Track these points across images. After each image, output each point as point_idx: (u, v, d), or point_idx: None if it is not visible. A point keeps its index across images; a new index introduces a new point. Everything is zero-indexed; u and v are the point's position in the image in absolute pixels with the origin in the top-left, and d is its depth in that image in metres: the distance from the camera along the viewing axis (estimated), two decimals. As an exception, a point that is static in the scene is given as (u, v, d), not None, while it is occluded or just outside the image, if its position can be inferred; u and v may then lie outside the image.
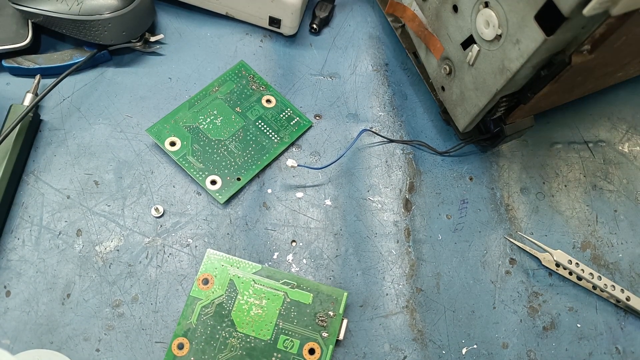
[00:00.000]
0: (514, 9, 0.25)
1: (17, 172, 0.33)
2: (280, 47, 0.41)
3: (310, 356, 0.29)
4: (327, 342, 0.30)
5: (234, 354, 0.29)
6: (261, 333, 0.30)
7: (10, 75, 0.37)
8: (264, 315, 0.30)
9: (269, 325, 0.30)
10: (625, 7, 0.22)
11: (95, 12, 0.35)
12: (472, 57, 0.30)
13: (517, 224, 0.37)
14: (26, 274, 0.31)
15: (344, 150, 0.37)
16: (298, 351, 0.29)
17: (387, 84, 0.41)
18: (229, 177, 0.35)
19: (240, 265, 0.31)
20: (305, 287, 0.31)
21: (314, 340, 0.30)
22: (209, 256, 0.32)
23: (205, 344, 0.29)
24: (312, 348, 0.30)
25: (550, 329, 0.34)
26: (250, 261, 0.32)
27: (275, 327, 0.30)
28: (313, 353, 0.29)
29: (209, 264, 0.31)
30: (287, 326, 0.30)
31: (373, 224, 0.35)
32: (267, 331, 0.30)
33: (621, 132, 0.41)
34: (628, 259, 0.36)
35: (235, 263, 0.31)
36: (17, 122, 0.32)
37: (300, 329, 0.30)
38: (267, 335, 0.30)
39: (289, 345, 0.29)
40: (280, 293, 0.31)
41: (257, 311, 0.30)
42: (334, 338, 0.30)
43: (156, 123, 0.36)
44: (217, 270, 0.31)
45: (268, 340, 0.30)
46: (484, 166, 0.38)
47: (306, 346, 0.30)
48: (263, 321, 0.30)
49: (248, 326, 0.30)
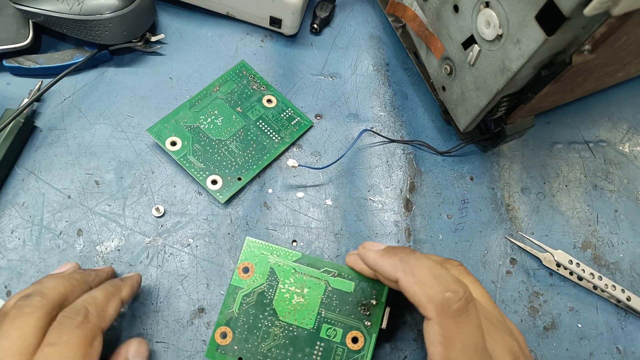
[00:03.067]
0: (514, 9, 0.25)
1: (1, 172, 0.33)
2: (281, 47, 0.41)
3: (354, 345, 0.29)
4: (370, 331, 0.30)
5: (277, 343, 0.29)
6: (304, 322, 0.30)
7: (11, 75, 0.37)
8: (306, 304, 0.30)
9: (311, 314, 0.30)
10: (625, 7, 0.22)
11: (96, 11, 0.35)
12: (473, 57, 0.30)
13: (518, 224, 0.37)
14: (27, 274, 0.31)
15: (345, 150, 0.37)
16: (341, 340, 0.29)
17: (388, 83, 0.41)
18: (230, 177, 0.35)
19: (280, 254, 0.31)
20: (347, 276, 0.31)
21: (357, 329, 0.30)
22: (248, 244, 0.31)
23: (248, 333, 0.29)
24: (355, 337, 0.29)
25: (550, 329, 0.34)
26: (290, 249, 0.31)
27: (317, 316, 0.30)
28: (356, 342, 0.29)
29: (249, 252, 0.31)
30: (329, 315, 0.30)
31: (374, 224, 0.35)
32: (310, 320, 0.30)
33: (622, 132, 0.41)
34: (629, 259, 0.36)
35: (275, 251, 0.31)
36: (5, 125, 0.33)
37: (343, 318, 0.30)
38: (310, 324, 0.30)
39: (331, 334, 0.29)
40: (322, 281, 0.30)
41: (298, 300, 0.30)
42: (377, 327, 0.30)
43: (157, 123, 0.36)
44: (257, 258, 0.31)
45: (311, 329, 0.29)
46: (485, 166, 0.38)
47: (349, 335, 0.29)
48: (305, 310, 0.30)
49: (290, 315, 0.30)
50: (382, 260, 0.26)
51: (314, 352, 0.29)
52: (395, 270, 0.25)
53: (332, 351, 0.29)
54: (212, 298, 0.32)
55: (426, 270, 0.24)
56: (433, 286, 0.24)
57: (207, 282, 0.32)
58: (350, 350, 0.29)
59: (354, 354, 0.29)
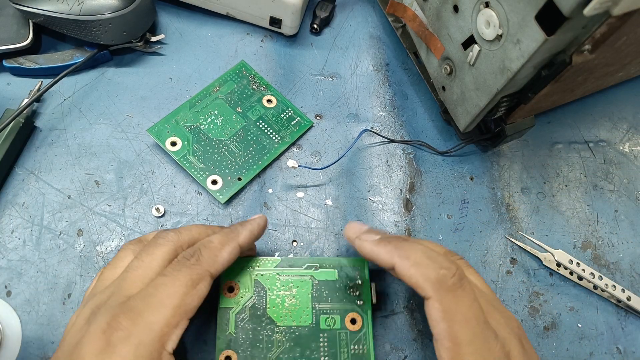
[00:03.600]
0: (514, 9, 0.25)
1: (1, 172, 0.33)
2: (281, 47, 0.41)
3: (353, 326, 0.30)
4: (364, 309, 0.30)
5: (283, 348, 0.29)
6: (302, 320, 0.30)
7: (11, 75, 0.37)
8: (298, 303, 0.30)
9: (306, 310, 0.30)
10: (626, 7, 0.22)
11: (96, 12, 0.35)
12: (473, 57, 0.30)
13: (518, 224, 0.37)
14: (27, 274, 0.31)
15: (345, 150, 0.37)
16: (341, 325, 0.30)
17: (388, 84, 0.41)
18: (230, 177, 0.35)
19: (260, 263, 0.31)
20: (328, 265, 0.31)
21: (352, 311, 0.30)
22: None
23: (252, 349, 0.29)
24: (353, 318, 0.30)
25: (551, 328, 0.34)
26: (267, 256, 0.32)
27: (313, 311, 0.30)
28: (355, 322, 0.30)
29: (229, 271, 0.30)
30: (323, 306, 0.31)
31: (374, 224, 0.35)
32: (307, 316, 0.30)
33: (622, 131, 0.41)
34: (629, 259, 0.36)
35: (254, 262, 0.31)
36: (5, 125, 0.33)
37: (336, 305, 0.31)
38: (308, 321, 0.30)
39: (331, 323, 0.30)
40: (307, 278, 0.31)
41: (290, 301, 0.30)
42: (369, 303, 0.31)
43: (157, 123, 0.36)
44: (239, 274, 0.31)
45: (310, 324, 0.30)
46: (485, 166, 0.38)
47: (347, 318, 0.30)
48: (300, 308, 0.30)
49: (287, 317, 0.30)
50: (378, 249, 0.27)
51: (320, 345, 0.29)
52: (391, 257, 0.26)
53: (336, 338, 0.30)
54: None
55: (420, 253, 0.25)
56: (427, 265, 0.25)
57: (207, 282, 0.32)
58: (352, 332, 0.30)
59: (356, 334, 0.30)
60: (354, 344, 0.30)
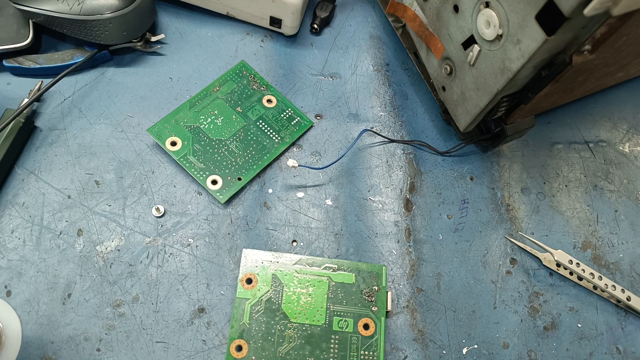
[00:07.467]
0: (514, 9, 0.25)
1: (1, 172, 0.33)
2: (281, 47, 0.41)
3: (366, 331, 0.30)
4: (378, 315, 0.31)
5: (294, 345, 0.30)
6: (315, 319, 0.30)
7: (11, 75, 0.37)
8: (313, 302, 0.31)
9: (320, 310, 0.31)
10: (626, 7, 0.22)
11: (96, 11, 0.35)
12: (473, 57, 0.30)
13: (518, 224, 0.37)
14: (27, 274, 0.31)
15: (345, 150, 0.37)
16: (354, 329, 0.30)
17: (388, 84, 0.41)
18: (230, 177, 0.35)
19: (279, 259, 0.32)
20: (346, 268, 0.32)
21: (366, 316, 0.31)
22: (246, 256, 0.32)
23: (263, 341, 0.30)
24: (366, 324, 0.31)
25: (551, 329, 0.34)
26: (287, 253, 0.32)
27: (327, 311, 0.31)
28: (368, 328, 0.30)
29: (248, 264, 0.32)
30: (337, 308, 0.31)
31: (374, 224, 0.35)
32: (320, 316, 0.31)
33: (622, 132, 0.41)
34: (629, 259, 0.36)
35: (274, 258, 0.32)
36: (5, 125, 0.33)
37: (350, 308, 0.31)
38: (321, 320, 0.30)
39: (344, 326, 0.30)
40: (324, 278, 0.32)
41: (306, 299, 0.31)
42: (383, 310, 0.31)
43: (157, 123, 0.36)
44: (258, 268, 0.32)
45: (323, 324, 0.30)
46: (485, 166, 0.38)
47: (360, 323, 0.31)
48: (314, 308, 0.31)
49: (301, 315, 0.30)
50: None
51: (330, 346, 0.30)
52: None
53: (347, 341, 0.30)
54: (212, 298, 0.32)
55: None
56: None
57: (207, 282, 0.32)
58: (364, 337, 0.30)
59: (368, 339, 0.30)
60: (364, 349, 0.30)
